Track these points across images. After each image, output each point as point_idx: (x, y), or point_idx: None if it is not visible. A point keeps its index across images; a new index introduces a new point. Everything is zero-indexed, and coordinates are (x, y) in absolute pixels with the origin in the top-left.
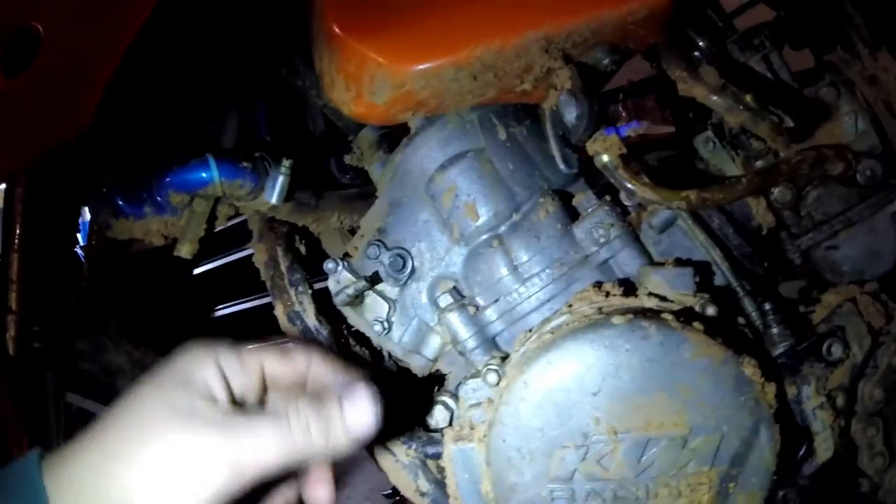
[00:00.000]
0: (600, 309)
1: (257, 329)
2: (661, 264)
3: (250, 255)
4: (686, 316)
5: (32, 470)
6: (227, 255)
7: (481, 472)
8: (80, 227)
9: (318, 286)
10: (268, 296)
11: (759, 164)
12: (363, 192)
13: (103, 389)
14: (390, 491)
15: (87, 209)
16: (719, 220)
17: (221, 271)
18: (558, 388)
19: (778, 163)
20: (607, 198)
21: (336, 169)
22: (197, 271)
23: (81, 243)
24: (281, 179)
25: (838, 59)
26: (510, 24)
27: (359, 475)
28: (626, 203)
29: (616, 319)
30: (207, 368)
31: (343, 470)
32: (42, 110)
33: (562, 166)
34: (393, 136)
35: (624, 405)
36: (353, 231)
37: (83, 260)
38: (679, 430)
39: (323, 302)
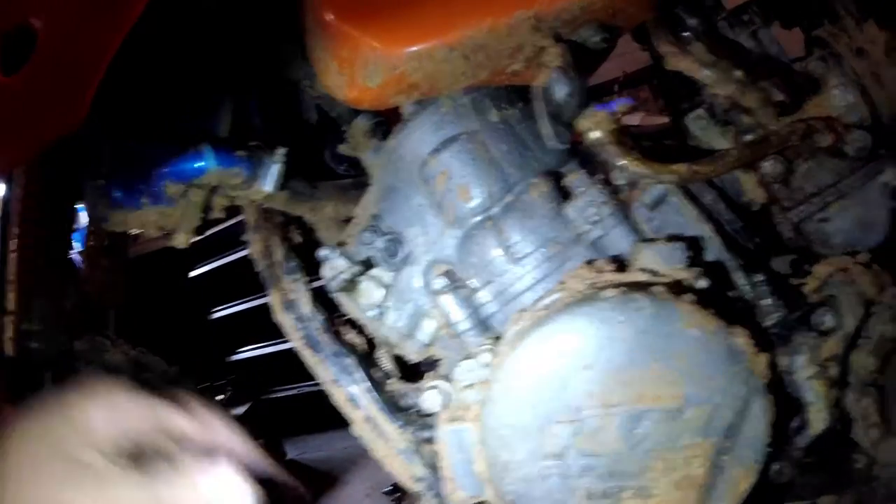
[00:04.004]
0: (593, 285)
1: (252, 329)
2: (653, 240)
3: (245, 258)
4: (677, 288)
5: None
6: (222, 257)
7: (475, 451)
8: (78, 230)
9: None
10: (262, 296)
11: (748, 137)
12: (358, 182)
13: None
14: (391, 488)
15: (83, 211)
16: (710, 197)
17: (217, 274)
18: (551, 362)
19: (767, 134)
20: (599, 177)
21: (331, 160)
22: (193, 274)
23: (79, 246)
24: (275, 168)
25: (826, 33)
26: (500, 3)
27: (359, 473)
28: (618, 182)
29: (608, 293)
30: (98, 411)
31: (343, 468)
32: (39, 105)
33: (553, 142)
34: (386, 125)
35: (617, 378)
36: (348, 221)
37: (81, 261)
38: (672, 402)
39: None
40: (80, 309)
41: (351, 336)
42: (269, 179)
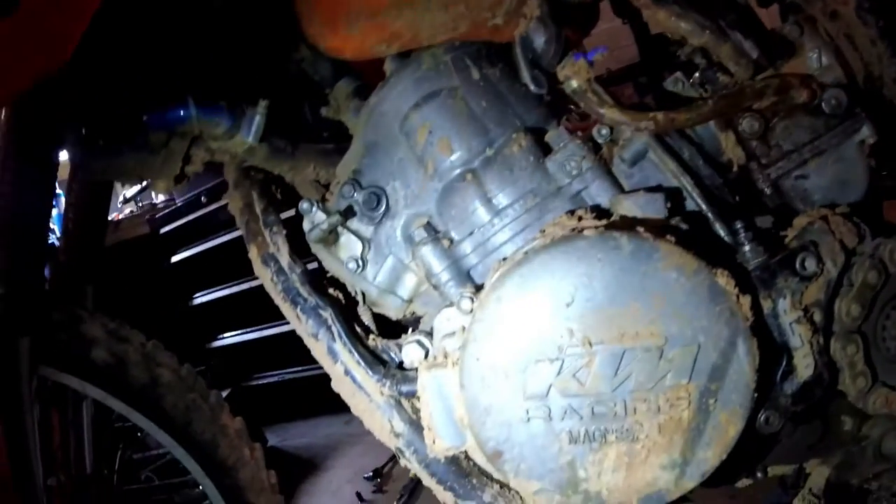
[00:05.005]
0: (574, 230)
1: (233, 316)
2: (634, 192)
3: (226, 244)
4: (658, 230)
5: None
6: (205, 242)
7: (455, 397)
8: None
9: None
10: (245, 281)
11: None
12: (340, 148)
13: (78, 362)
14: (371, 473)
15: (62, 192)
16: (689, 152)
17: (199, 259)
18: (531, 300)
19: (743, 87)
20: (579, 133)
21: (312, 121)
22: (175, 259)
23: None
24: (257, 119)
25: None
26: None
27: (340, 460)
28: (598, 139)
29: (588, 232)
30: None
31: (324, 455)
32: (28, 46)
33: (532, 87)
34: (368, 89)
35: (597, 315)
36: (329, 186)
37: (61, 232)
38: (654, 341)
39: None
40: (58, 280)
41: (331, 291)
42: (251, 130)
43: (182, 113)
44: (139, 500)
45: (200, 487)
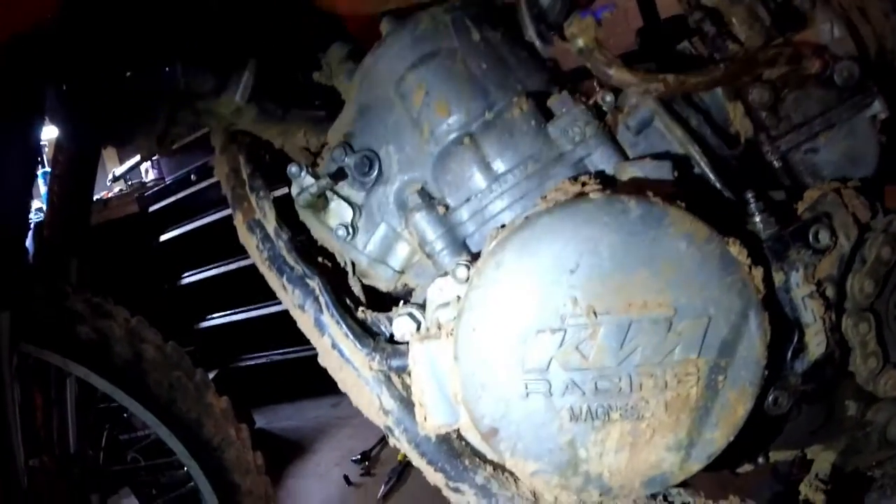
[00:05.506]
0: (577, 194)
1: (222, 296)
2: (639, 158)
3: (216, 222)
4: (667, 195)
5: None
6: (194, 221)
7: (448, 371)
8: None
9: None
10: (234, 261)
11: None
12: (332, 116)
13: (61, 338)
14: (359, 456)
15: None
16: (697, 121)
17: (188, 239)
18: (533, 266)
19: (755, 52)
20: (583, 98)
21: (304, 88)
22: (164, 238)
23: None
24: (246, 76)
25: None
26: None
27: (328, 442)
28: (602, 106)
29: (594, 195)
30: None
31: (313, 437)
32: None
33: (538, 43)
34: (362, 52)
35: (603, 283)
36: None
37: (45, 206)
38: (663, 312)
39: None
40: (41, 255)
41: (319, 260)
42: (239, 88)
43: (167, 70)
44: (125, 481)
45: (185, 468)
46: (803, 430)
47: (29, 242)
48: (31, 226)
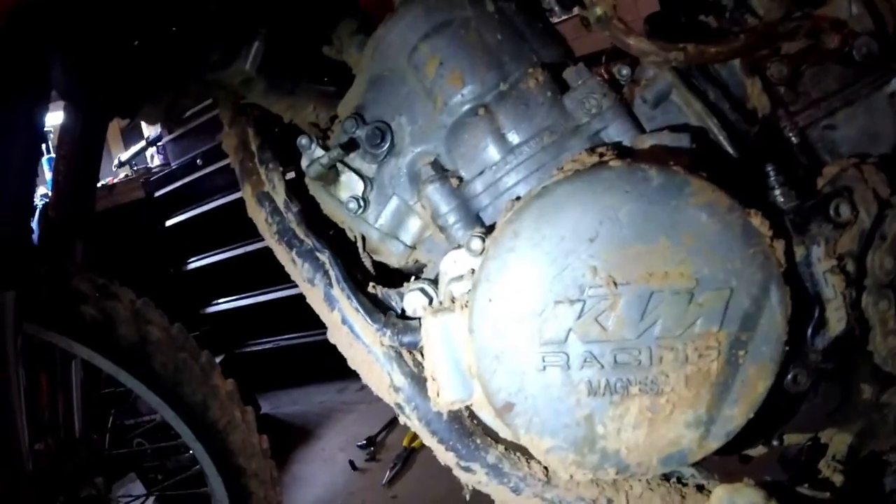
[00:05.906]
0: (596, 164)
1: (228, 281)
2: (657, 130)
3: (221, 207)
4: (688, 164)
5: None
6: (200, 206)
7: (463, 344)
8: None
9: None
10: (240, 246)
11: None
12: (342, 91)
13: (66, 319)
14: (364, 442)
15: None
16: (715, 94)
17: (193, 224)
18: (551, 234)
19: (775, 24)
20: (600, 70)
21: (314, 63)
22: (170, 223)
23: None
24: (256, 45)
25: None
26: None
27: (333, 427)
28: (619, 79)
29: (614, 163)
30: None
31: (318, 423)
32: None
33: (557, 8)
34: (372, 25)
35: (623, 252)
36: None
37: (51, 186)
38: (684, 283)
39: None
40: (47, 235)
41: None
42: (249, 57)
43: (177, 38)
44: (130, 466)
45: (191, 451)
46: (819, 412)
47: (34, 223)
48: (37, 207)
